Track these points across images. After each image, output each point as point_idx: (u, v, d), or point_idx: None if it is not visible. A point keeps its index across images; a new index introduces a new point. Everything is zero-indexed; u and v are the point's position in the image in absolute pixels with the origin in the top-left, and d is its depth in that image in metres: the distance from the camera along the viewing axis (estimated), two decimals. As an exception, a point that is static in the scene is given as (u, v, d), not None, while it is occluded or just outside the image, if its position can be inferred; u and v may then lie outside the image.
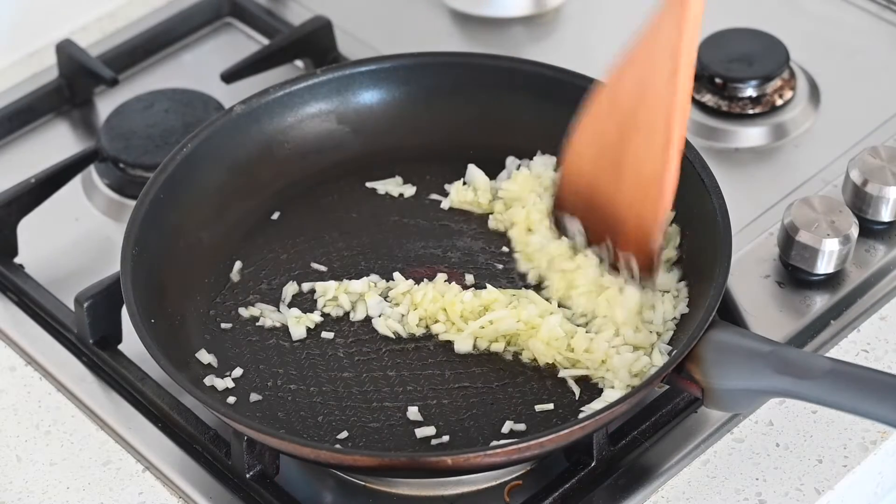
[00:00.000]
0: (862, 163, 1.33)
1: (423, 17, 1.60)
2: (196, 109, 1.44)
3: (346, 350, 1.23)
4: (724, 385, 1.12)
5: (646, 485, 1.18)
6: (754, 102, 1.45)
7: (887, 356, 1.26)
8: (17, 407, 1.25)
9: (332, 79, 1.36)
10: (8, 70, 1.55)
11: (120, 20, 1.60)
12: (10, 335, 1.30)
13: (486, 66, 1.36)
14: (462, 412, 1.18)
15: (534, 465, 1.19)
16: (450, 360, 1.21)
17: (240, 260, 1.29)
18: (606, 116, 1.18)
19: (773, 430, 1.21)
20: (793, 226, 1.29)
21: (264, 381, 1.21)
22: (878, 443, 1.20)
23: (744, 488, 1.17)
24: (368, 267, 1.28)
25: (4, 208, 1.35)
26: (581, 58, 1.35)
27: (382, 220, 1.32)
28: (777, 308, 1.29)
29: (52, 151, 1.44)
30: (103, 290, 1.25)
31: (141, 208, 1.24)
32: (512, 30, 1.58)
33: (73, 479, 1.20)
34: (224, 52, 1.56)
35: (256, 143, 1.34)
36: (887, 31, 1.55)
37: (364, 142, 1.37)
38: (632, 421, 1.20)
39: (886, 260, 1.33)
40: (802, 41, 1.51)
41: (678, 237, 1.25)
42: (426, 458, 1.11)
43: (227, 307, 1.26)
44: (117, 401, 1.25)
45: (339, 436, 1.17)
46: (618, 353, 1.19)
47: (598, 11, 1.59)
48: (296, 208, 1.33)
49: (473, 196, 1.32)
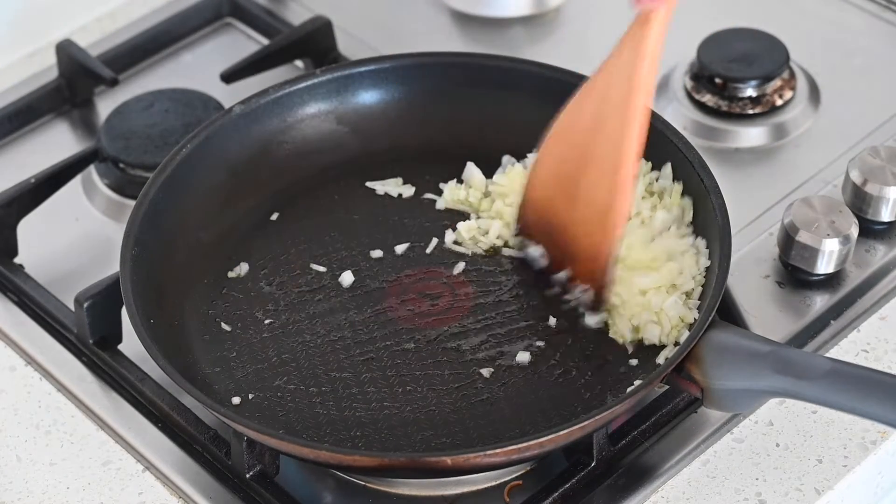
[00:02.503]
0: (862, 163, 1.33)
1: (423, 17, 1.60)
2: (196, 109, 1.44)
3: (346, 350, 1.23)
4: (724, 385, 1.12)
5: (646, 485, 1.18)
6: (754, 102, 1.45)
7: (887, 356, 1.26)
8: (17, 407, 1.25)
9: (332, 79, 1.36)
10: (8, 70, 1.55)
11: (120, 20, 1.60)
12: (10, 335, 1.31)
13: (485, 66, 1.36)
14: (462, 412, 1.18)
15: (534, 465, 1.19)
16: (450, 360, 1.21)
17: (239, 260, 1.29)
18: (566, 142, 1.17)
19: (773, 430, 1.21)
20: (793, 226, 1.29)
21: (264, 381, 1.21)
22: (878, 443, 1.20)
23: (744, 488, 1.17)
24: (369, 267, 1.28)
25: (4, 208, 1.35)
26: (581, 58, 1.35)
27: (382, 220, 1.32)
28: (777, 308, 1.29)
29: (52, 151, 1.44)
30: (103, 290, 1.25)
31: (140, 208, 1.24)
32: (512, 30, 1.58)
33: (73, 479, 1.20)
34: (224, 52, 1.56)
35: (256, 143, 1.34)
36: (887, 31, 1.55)
37: (364, 142, 1.37)
38: (632, 421, 1.20)
39: (886, 260, 1.33)
40: (802, 41, 1.51)
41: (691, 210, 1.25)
42: (426, 458, 1.11)
43: (226, 307, 1.26)
44: (117, 401, 1.25)
45: (339, 436, 1.17)
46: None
47: (598, 11, 1.59)
48: (296, 208, 1.33)
49: (466, 195, 1.32)
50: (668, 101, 1.46)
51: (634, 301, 1.20)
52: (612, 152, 1.13)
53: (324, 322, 1.25)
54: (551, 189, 1.20)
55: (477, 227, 1.30)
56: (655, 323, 1.19)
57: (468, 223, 1.30)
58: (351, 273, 1.28)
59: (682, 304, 1.20)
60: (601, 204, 1.16)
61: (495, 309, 1.25)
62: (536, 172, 1.21)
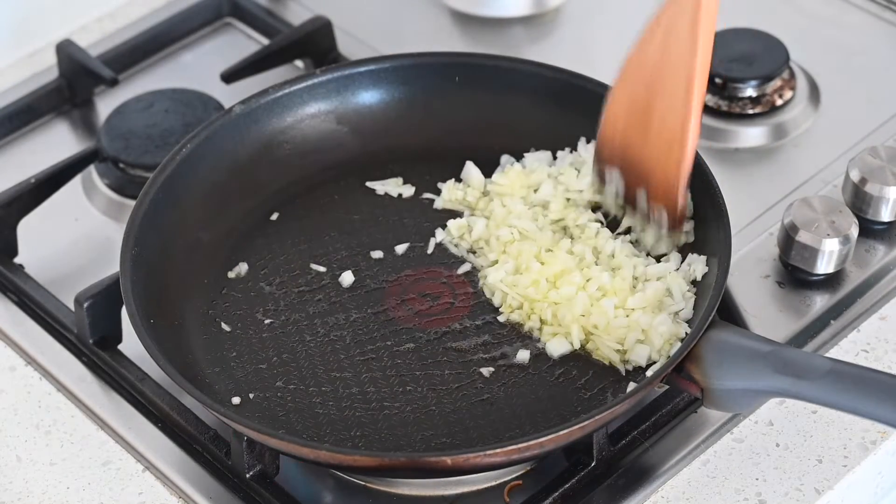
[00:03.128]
0: (862, 163, 1.33)
1: (423, 17, 1.60)
2: (196, 109, 1.44)
3: (346, 350, 1.23)
4: (724, 385, 1.12)
5: (646, 485, 1.18)
6: (754, 102, 1.45)
7: (887, 356, 1.26)
8: (17, 407, 1.25)
9: (332, 79, 1.36)
10: (8, 70, 1.55)
11: (120, 20, 1.60)
12: (10, 335, 1.30)
13: (485, 66, 1.36)
14: (462, 412, 1.18)
15: (534, 465, 1.19)
16: (450, 360, 1.21)
17: (239, 260, 1.29)
18: (636, 77, 1.21)
19: (773, 430, 1.21)
20: (793, 226, 1.29)
21: (264, 381, 1.21)
22: (878, 443, 1.20)
23: (744, 488, 1.17)
24: (369, 267, 1.28)
25: (4, 208, 1.35)
26: (581, 58, 1.35)
27: (382, 220, 1.32)
28: (777, 308, 1.29)
29: (52, 151, 1.44)
30: (103, 290, 1.25)
31: (140, 208, 1.24)
32: (512, 30, 1.58)
33: (73, 479, 1.20)
34: (224, 52, 1.56)
35: (256, 143, 1.34)
36: (887, 31, 1.55)
37: (364, 142, 1.37)
38: (632, 421, 1.20)
39: (886, 260, 1.33)
40: (802, 41, 1.51)
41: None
42: (426, 458, 1.11)
43: (226, 307, 1.26)
44: (117, 401, 1.25)
45: (339, 436, 1.17)
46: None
47: (598, 11, 1.59)
48: (295, 208, 1.33)
49: (463, 195, 1.32)
50: (668, 101, 1.46)
51: (618, 322, 1.20)
52: (681, 77, 1.17)
53: (324, 322, 1.25)
54: (624, 124, 1.23)
55: (467, 225, 1.30)
56: (642, 342, 1.19)
57: (458, 221, 1.30)
58: (351, 273, 1.28)
59: (672, 321, 1.20)
60: (674, 128, 1.19)
61: (495, 309, 1.25)
62: (610, 111, 1.24)
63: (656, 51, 1.18)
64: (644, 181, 1.24)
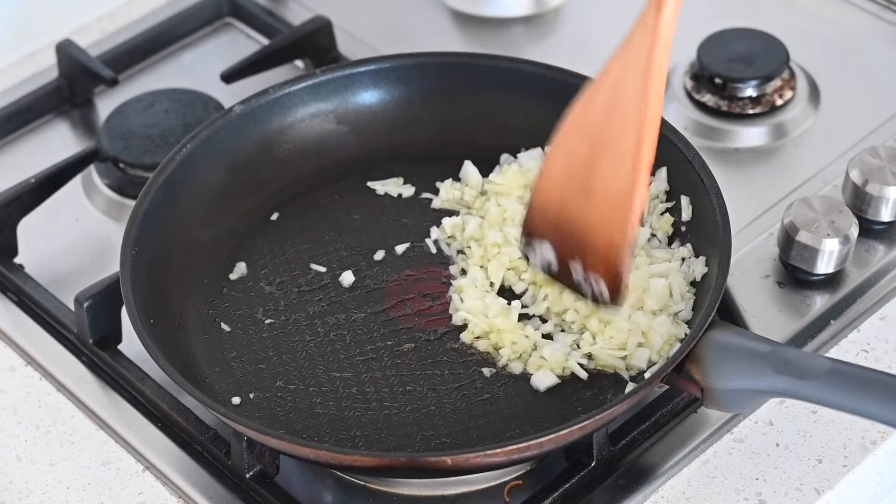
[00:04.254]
0: (862, 163, 1.33)
1: (423, 17, 1.60)
2: (196, 109, 1.44)
3: (346, 350, 1.23)
4: (724, 385, 1.12)
5: (646, 485, 1.18)
6: (754, 102, 1.45)
7: (887, 356, 1.26)
8: (17, 407, 1.25)
9: (332, 79, 1.36)
10: (8, 70, 1.55)
11: (120, 20, 1.60)
12: (10, 335, 1.31)
13: (485, 66, 1.36)
14: (462, 412, 1.18)
15: (534, 465, 1.19)
16: (450, 360, 1.21)
17: (239, 260, 1.29)
18: (577, 138, 1.16)
19: (773, 430, 1.21)
20: (793, 226, 1.29)
21: (264, 381, 1.21)
22: (878, 443, 1.20)
23: (744, 488, 1.17)
24: (369, 267, 1.28)
25: (4, 208, 1.35)
26: (581, 58, 1.35)
27: (382, 220, 1.32)
28: (777, 308, 1.29)
29: (52, 151, 1.45)
30: (103, 290, 1.25)
31: (140, 208, 1.24)
32: (512, 30, 1.58)
33: (73, 479, 1.20)
34: (224, 52, 1.56)
35: (256, 143, 1.34)
36: (887, 31, 1.55)
37: (364, 142, 1.37)
38: (632, 421, 1.20)
39: (886, 260, 1.33)
40: (802, 41, 1.51)
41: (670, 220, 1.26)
42: (426, 458, 1.11)
43: (226, 307, 1.26)
44: (117, 401, 1.25)
45: (339, 436, 1.17)
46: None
47: (598, 11, 1.59)
48: (295, 208, 1.33)
49: (461, 194, 1.32)
50: (668, 101, 1.46)
51: (618, 326, 1.20)
52: (628, 138, 1.12)
53: (324, 322, 1.25)
54: (561, 188, 1.18)
55: (462, 223, 1.30)
56: (643, 345, 1.19)
57: (453, 220, 1.30)
58: (351, 273, 1.28)
59: (672, 322, 1.20)
60: (618, 192, 1.14)
61: (495, 309, 1.25)
62: (546, 174, 1.19)
63: (601, 108, 1.13)
64: (580, 251, 1.19)
